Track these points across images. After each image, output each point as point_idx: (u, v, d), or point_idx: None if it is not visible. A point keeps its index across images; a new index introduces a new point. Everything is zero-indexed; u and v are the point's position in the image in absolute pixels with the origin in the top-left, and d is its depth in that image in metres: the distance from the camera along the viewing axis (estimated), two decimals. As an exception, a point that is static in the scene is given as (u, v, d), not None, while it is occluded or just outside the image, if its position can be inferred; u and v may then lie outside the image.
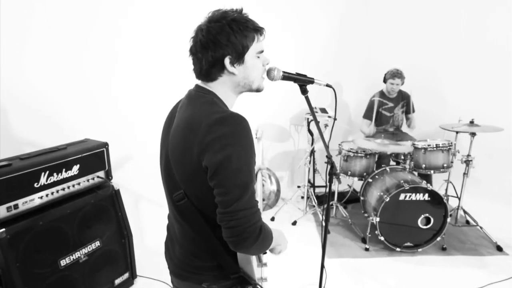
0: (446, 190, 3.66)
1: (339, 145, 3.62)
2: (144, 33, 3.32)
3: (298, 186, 4.14)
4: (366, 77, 4.74)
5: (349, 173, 3.50)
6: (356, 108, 4.86)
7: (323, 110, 3.83)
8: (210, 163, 1.04)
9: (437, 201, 3.06)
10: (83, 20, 3.04)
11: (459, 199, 3.54)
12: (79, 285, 2.22)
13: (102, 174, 2.38)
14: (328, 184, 1.85)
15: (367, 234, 3.24)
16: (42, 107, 2.96)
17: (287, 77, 1.37)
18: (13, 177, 1.87)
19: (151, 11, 3.36)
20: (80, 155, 2.21)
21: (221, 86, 1.19)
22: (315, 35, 4.29)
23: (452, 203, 3.68)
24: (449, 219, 3.09)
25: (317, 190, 4.18)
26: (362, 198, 3.47)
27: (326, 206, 1.92)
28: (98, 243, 2.33)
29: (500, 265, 3.00)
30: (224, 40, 1.10)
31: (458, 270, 2.92)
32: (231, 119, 1.07)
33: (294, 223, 3.64)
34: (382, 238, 3.10)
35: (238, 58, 1.14)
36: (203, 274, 1.24)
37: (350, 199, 4.05)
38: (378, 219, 3.05)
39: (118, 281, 2.52)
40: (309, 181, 3.95)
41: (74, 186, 2.20)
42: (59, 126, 3.01)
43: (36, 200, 2.00)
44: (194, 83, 1.24)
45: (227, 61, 1.13)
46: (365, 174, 3.46)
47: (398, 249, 3.13)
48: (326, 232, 1.95)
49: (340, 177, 3.48)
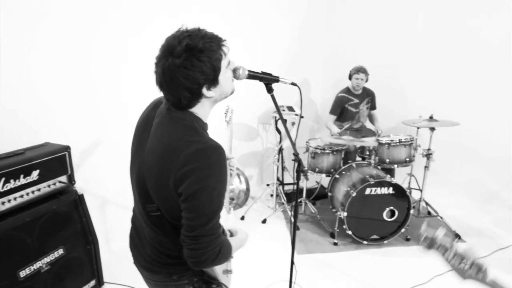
0: (409, 183, 3.81)
1: (307, 142, 3.68)
2: (111, 30, 3.21)
3: (267, 184, 4.16)
4: (331, 74, 4.84)
5: (316, 169, 3.56)
6: (323, 105, 4.95)
7: (290, 108, 3.88)
8: (184, 191, 1.08)
9: (400, 194, 3.17)
10: (34, 18, 2.90)
11: (421, 191, 3.70)
12: (42, 295, 2.13)
13: (64, 179, 2.29)
14: (296, 181, 1.87)
15: (336, 229, 3.31)
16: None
17: (253, 76, 1.38)
18: (-35, 185, 1.76)
19: (117, 10, 3.25)
20: (39, 160, 2.11)
21: (200, 108, 1.19)
22: (280, 34, 4.31)
23: (414, 196, 3.83)
24: (412, 211, 3.21)
25: (286, 187, 4.22)
26: (330, 194, 3.54)
27: (294, 203, 1.94)
28: (61, 251, 2.24)
29: (459, 252, 3.15)
30: (198, 75, 1.08)
31: (421, 259, 3.04)
32: (209, 152, 1.09)
33: (264, 221, 3.66)
34: (349, 232, 3.18)
35: (213, 82, 1.14)
36: (173, 268, 1.29)
37: (319, 195, 4.12)
38: (345, 214, 3.12)
39: (84, 289, 2.44)
40: (278, 179, 3.98)
41: (33, 192, 2.10)
42: (16, 130, 2.86)
43: (-8, 209, 1.89)
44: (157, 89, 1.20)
45: (205, 89, 1.13)
46: (332, 170, 3.54)
47: (365, 242, 3.22)
48: (295, 229, 1.97)
49: (307, 174, 3.57)
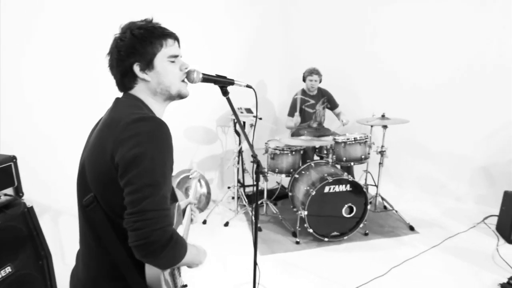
0: (366, 179, 3.95)
1: (266, 143, 3.71)
2: (61, 36, 3.05)
3: (228, 187, 4.15)
4: (287, 75, 4.92)
5: (276, 170, 3.59)
6: (280, 106, 5.01)
7: (248, 110, 3.89)
8: (122, 159, 1.00)
9: (358, 190, 3.27)
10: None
11: (377, 187, 3.86)
12: (-11, 318, 1.98)
13: (10, 191, 2.14)
14: (255, 182, 1.88)
15: (297, 228, 3.36)
16: None
17: (207, 79, 1.37)
18: None
19: (65, 12, 3.11)
20: (-19, 172, 1.96)
21: (141, 94, 1.19)
22: (235, 37, 4.33)
23: (371, 191, 3.99)
24: (369, 206, 3.33)
25: (247, 189, 4.23)
26: (290, 194, 3.59)
27: (255, 204, 1.95)
28: (9, 269, 2.09)
29: (413, 243, 3.32)
30: (130, 48, 1.12)
31: (379, 252, 3.17)
32: (151, 120, 1.06)
33: (226, 224, 3.64)
34: (311, 230, 3.24)
35: (148, 65, 1.15)
36: None
37: (280, 196, 4.17)
38: (306, 213, 3.17)
39: (37, 307, 2.29)
40: (238, 181, 3.98)
41: (-25, 207, 1.95)
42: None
43: None
44: (115, 95, 1.23)
45: (137, 68, 1.14)
46: (292, 170, 3.59)
47: (326, 239, 3.29)
48: (256, 230, 1.98)
49: (267, 175, 3.59)
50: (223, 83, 1.46)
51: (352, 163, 3.54)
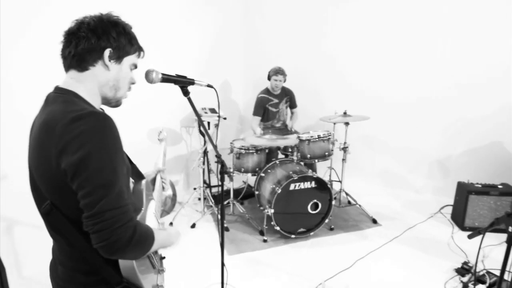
0: (330, 176, 4.05)
1: (231, 143, 3.70)
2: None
3: (194, 188, 4.10)
4: (251, 75, 4.95)
5: (242, 169, 3.60)
6: (245, 105, 5.03)
7: (213, 110, 3.87)
8: (68, 165, 0.96)
9: (322, 187, 3.34)
10: None
11: (341, 183, 3.95)
12: None
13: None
14: (220, 183, 1.87)
15: (264, 226, 3.38)
16: None
17: (167, 79, 1.35)
18: None
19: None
20: None
21: (89, 80, 1.13)
22: (198, 37, 4.29)
23: (335, 187, 4.08)
24: (334, 202, 3.42)
25: (213, 189, 4.21)
26: (256, 193, 3.61)
27: (220, 205, 1.94)
28: (-40, 284, 1.96)
29: (376, 235, 3.44)
30: (114, 34, 1.12)
31: (345, 246, 3.25)
32: (90, 116, 1.00)
33: (193, 226, 3.60)
34: (278, 228, 3.27)
35: (118, 57, 1.15)
36: None
37: (246, 195, 4.17)
38: (272, 211, 3.20)
39: (-8, 323, 2.16)
40: (204, 182, 3.95)
41: None
42: None
43: None
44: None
45: (107, 53, 1.11)
46: (257, 169, 3.60)
47: (293, 236, 3.34)
48: (223, 230, 1.97)
49: (233, 174, 3.60)
50: (183, 83, 1.45)
51: (316, 160, 3.61)
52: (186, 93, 1.50)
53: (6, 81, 2.67)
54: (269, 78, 4.13)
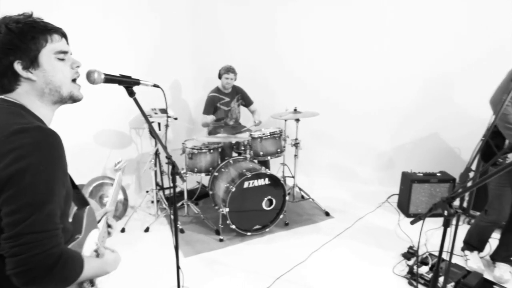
0: (283, 172, 4.12)
1: (183, 143, 3.64)
2: None
3: (147, 191, 3.99)
4: (201, 74, 4.90)
5: (195, 170, 3.56)
6: (196, 105, 4.97)
7: (163, 111, 3.79)
8: (0, 177, 0.88)
9: (276, 183, 3.39)
10: None
11: (294, 178, 4.04)
12: None
13: None
14: (172, 184, 1.84)
15: (220, 225, 3.37)
16: None
17: (110, 79, 1.30)
18: None
19: None
20: None
21: (25, 97, 1.04)
22: (145, 36, 4.17)
23: (289, 183, 4.17)
24: (287, 197, 3.48)
25: (167, 192, 4.12)
26: (211, 192, 3.59)
27: (173, 207, 1.91)
28: None
29: (329, 227, 3.56)
30: (7, 45, 0.99)
31: (300, 240, 3.33)
32: (36, 131, 0.93)
33: (147, 230, 3.51)
34: (233, 227, 3.27)
35: (32, 62, 1.03)
36: None
37: (201, 195, 4.13)
38: (227, 210, 3.20)
39: None
40: (157, 184, 3.86)
41: None
42: None
43: None
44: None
45: (18, 66, 1.01)
46: (211, 168, 3.58)
47: (249, 233, 3.36)
48: (176, 233, 1.94)
49: (186, 175, 3.55)
50: (128, 84, 1.40)
51: (269, 157, 3.66)
52: (131, 93, 1.45)
53: None
54: (219, 77, 4.11)
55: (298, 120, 3.83)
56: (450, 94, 4.01)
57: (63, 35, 1.10)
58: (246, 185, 3.26)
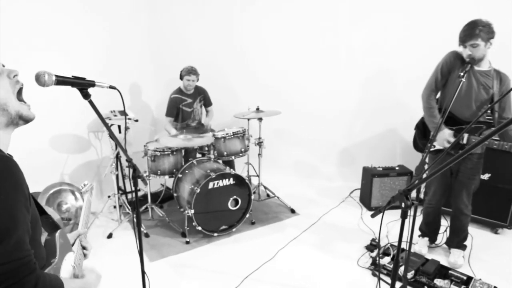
0: (248, 171, 4.12)
1: (145, 146, 3.56)
2: None
3: (109, 196, 3.86)
4: (162, 76, 4.81)
5: (159, 172, 3.49)
6: (158, 107, 4.87)
7: (123, 113, 3.67)
8: None
9: (241, 182, 3.39)
10: None
11: (259, 177, 4.06)
12: None
13: None
14: (134, 188, 1.80)
15: (186, 227, 3.32)
16: None
17: (62, 81, 1.24)
18: None
19: None
20: None
21: None
22: (102, 39, 4.03)
23: (254, 182, 4.18)
24: (253, 197, 3.49)
25: (129, 196, 4.01)
26: (175, 194, 3.53)
27: (136, 211, 1.86)
28: None
29: (295, 224, 3.60)
30: None
31: (266, 238, 3.35)
32: None
33: (110, 236, 3.39)
34: (199, 228, 3.24)
35: None
36: None
37: (165, 198, 4.05)
38: (193, 211, 3.16)
39: None
40: (119, 188, 3.74)
41: None
42: None
43: None
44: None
45: None
46: (174, 170, 3.52)
47: (216, 234, 3.34)
48: (140, 237, 1.89)
49: (148, 178, 3.46)
50: (83, 85, 1.35)
51: (233, 157, 3.65)
52: (86, 96, 1.40)
53: None
54: (181, 78, 4.05)
55: (261, 119, 3.85)
56: (403, 93, 4.19)
57: None
58: (211, 185, 3.23)
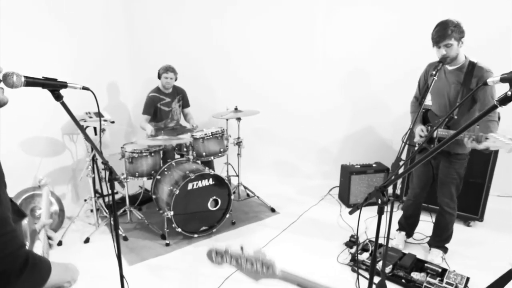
0: (227, 171, 4.11)
1: (122, 148, 3.50)
2: None
3: (85, 200, 3.76)
4: (140, 75, 4.73)
5: (137, 174, 3.43)
6: (135, 107, 4.79)
7: (98, 114, 3.59)
8: None
9: (220, 183, 3.37)
10: None
11: (238, 177, 4.05)
12: None
13: None
14: (110, 191, 1.76)
15: (165, 229, 3.28)
16: None
17: (32, 82, 1.20)
18: None
19: None
20: None
21: None
22: (78, 38, 3.93)
23: (234, 182, 4.17)
24: (233, 197, 3.48)
25: (107, 199, 3.92)
26: (154, 196, 3.48)
27: (113, 214, 1.82)
28: None
29: (275, 223, 3.62)
30: None
31: (247, 237, 3.36)
32: None
33: (87, 241, 3.32)
34: (179, 230, 3.21)
35: None
36: None
37: (144, 200, 3.99)
38: (172, 213, 3.12)
39: None
40: (96, 191, 3.66)
41: None
42: None
43: None
44: None
45: None
46: (153, 172, 3.48)
47: (196, 235, 3.32)
48: (118, 241, 1.86)
49: (126, 180, 3.40)
50: (54, 87, 1.31)
51: (212, 157, 3.63)
52: (58, 97, 1.36)
53: None
54: (159, 77, 4.00)
55: (239, 119, 3.85)
56: (381, 93, 4.28)
57: None
58: (190, 186, 3.21)
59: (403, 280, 2.63)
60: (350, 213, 1.70)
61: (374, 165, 3.99)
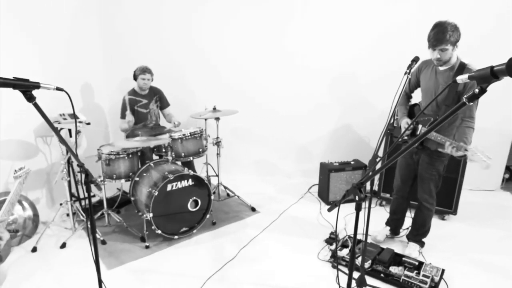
0: (207, 171, 4.09)
1: (98, 150, 3.42)
2: None
3: (61, 204, 3.66)
4: (115, 76, 4.65)
5: (114, 176, 3.36)
6: (112, 108, 4.70)
7: (73, 116, 3.51)
8: None
9: (200, 183, 3.35)
10: None
11: (218, 177, 4.04)
12: None
13: None
14: (87, 194, 1.72)
15: (145, 232, 3.24)
16: None
17: (2, 83, 1.16)
18: None
19: None
20: None
21: None
22: (50, 39, 3.82)
23: (214, 182, 4.15)
24: (213, 197, 3.46)
25: (84, 202, 3.83)
26: (132, 198, 3.43)
27: (90, 218, 1.78)
28: None
29: (256, 222, 3.63)
30: None
31: (228, 237, 3.34)
32: None
33: (63, 246, 3.23)
34: (159, 232, 3.17)
35: None
36: None
37: (122, 202, 3.92)
38: (151, 215, 3.08)
39: None
40: (72, 195, 3.57)
41: None
42: None
43: None
44: None
45: None
46: (131, 174, 3.42)
47: (176, 236, 3.28)
48: (95, 245, 1.82)
49: (103, 183, 3.33)
50: (26, 87, 1.27)
51: (191, 158, 3.61)
52: (30, 98, 1.32)
53: None
54: (135, 78, 3.93)
55: (218, 118, 3.83)
56: (361, 93, 4.35)
57: None
58: (169, 187, 3.17)
59: (382, 274, 2.69)
60: (329, 210, 1.73)
61: (353, 162, 4.05)
